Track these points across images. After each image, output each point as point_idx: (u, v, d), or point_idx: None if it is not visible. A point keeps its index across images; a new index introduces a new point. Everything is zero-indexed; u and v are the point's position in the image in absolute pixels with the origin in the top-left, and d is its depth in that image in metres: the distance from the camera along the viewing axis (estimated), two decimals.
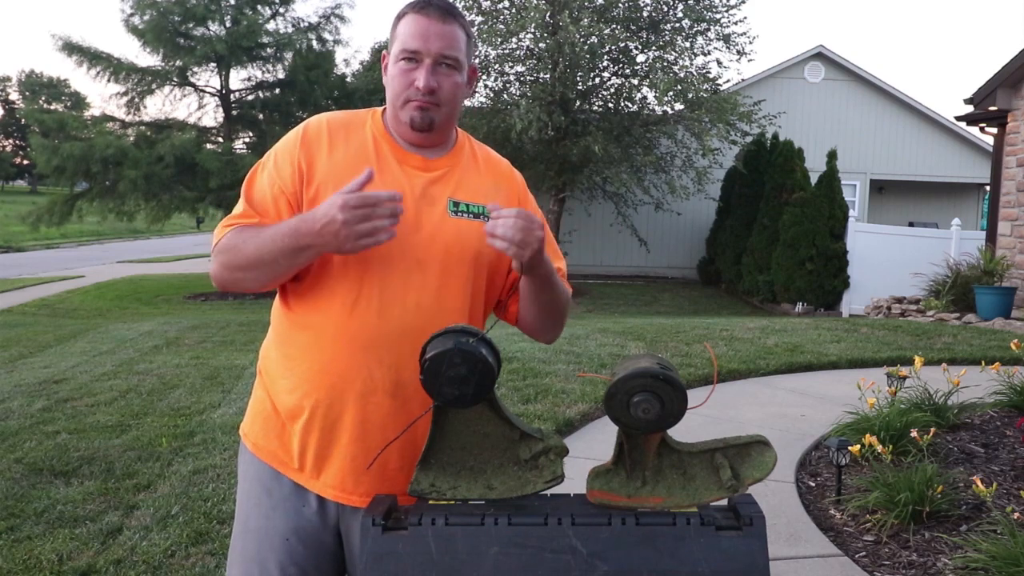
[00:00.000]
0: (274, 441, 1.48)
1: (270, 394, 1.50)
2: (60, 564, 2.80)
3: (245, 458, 1.54)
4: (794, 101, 18.56)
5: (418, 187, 1.46)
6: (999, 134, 10.36)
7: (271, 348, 1.52)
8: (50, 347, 7.83)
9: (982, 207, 19.91)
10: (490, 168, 1.57)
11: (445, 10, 1.44)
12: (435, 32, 1.42)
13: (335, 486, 1.45)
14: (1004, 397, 4.49)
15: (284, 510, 1.46)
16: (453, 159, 1.52)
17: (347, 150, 1.46)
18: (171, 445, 4.15)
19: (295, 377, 1.44)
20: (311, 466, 1.45)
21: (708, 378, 5.64)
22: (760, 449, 1.29)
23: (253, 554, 1.47)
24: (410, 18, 1.44)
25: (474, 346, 1.21)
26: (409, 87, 1.43)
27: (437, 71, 1.43)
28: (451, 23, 1.44)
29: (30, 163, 47.80)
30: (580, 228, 17.85)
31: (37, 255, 25.40)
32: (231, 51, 15.39)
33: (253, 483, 1.51)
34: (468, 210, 1.48)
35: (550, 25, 14.08)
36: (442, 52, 1.43)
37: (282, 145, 1.49)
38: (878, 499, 3.14)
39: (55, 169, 15.00)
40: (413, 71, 1.43)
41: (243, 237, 1.39)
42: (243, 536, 1.50)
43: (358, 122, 1.51)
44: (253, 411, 1.54)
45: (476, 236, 1.45)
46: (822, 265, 12.79)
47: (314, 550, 1.47)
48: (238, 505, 1.55)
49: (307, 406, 1.43)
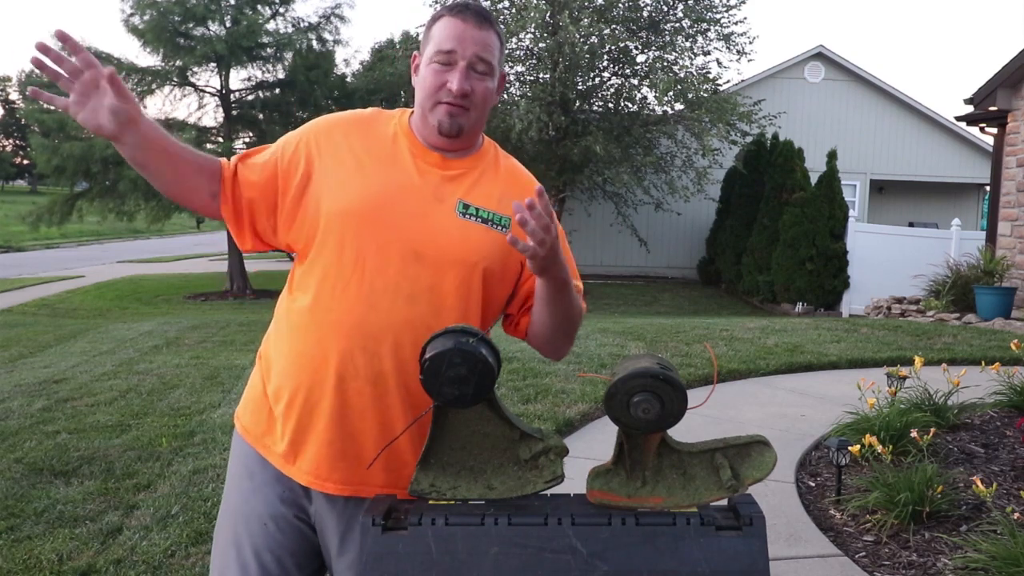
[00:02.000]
0: (261, 425, 1.49)
1: (264, 378, 1.51)
2: (60, 564, 2.80)
3: (236, 441, 1.56)
4: (794, 101, 18.56)
5: (430, 183, 1.45)
6: (999, 134, 10.36)
7: (271, 331, 1.54)
8: (50, 347, 7.83)
9: (982, 207, 19.92)
10: (509, 178, 1.53)
11: (482, 15, 1.45)
12: (471, 36, 1.42)
13: (310, 471, 1.44)
14: (1004, 397, 4.49)
15: (264, 495, 1.47)
16: (473, 163, 1.50)
17: (363, 140, 1.48)
18: (171, 445, 4.15)
19: (283, 359, 1.46)
20: (288, 451, 1.45)
21: (708, 378, 5.64)
22: (760, 449, 1.29)
23: (231, 536, 1.48)
24: (447, 20, 1.44)
25: (474, 346, 1.21)
26: (441, 88, 1.43)
27: (471, 75, 1.43)
28: (487, 29, 1.44)
29: (30, 163, 47.79)
30: (580, 228, 17.85)
31: (37, 255, 25.40)
32: (231, 51, 15.39)
33: (238, 465, 1.52)
34: (478, 214, 1.45)
35: (550, 25, 14.08)
36: (477, 55, 1.43)
37: (298, 131, 1.52)
38: (878, 499, 3.14)
39: (55, 169, 15.01)
40: (446, 72, 1.42)
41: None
42: (223, 516, 1.52)
43: (383, 119, 1.53)
44: (247, 395, 1.57)
45: (481, 242, 1.44)
46: (822, 265, 12.80)
47: (291, 537, 1.47)
48: (226, 488, 1.57)
49: (289, 388, 1.43)
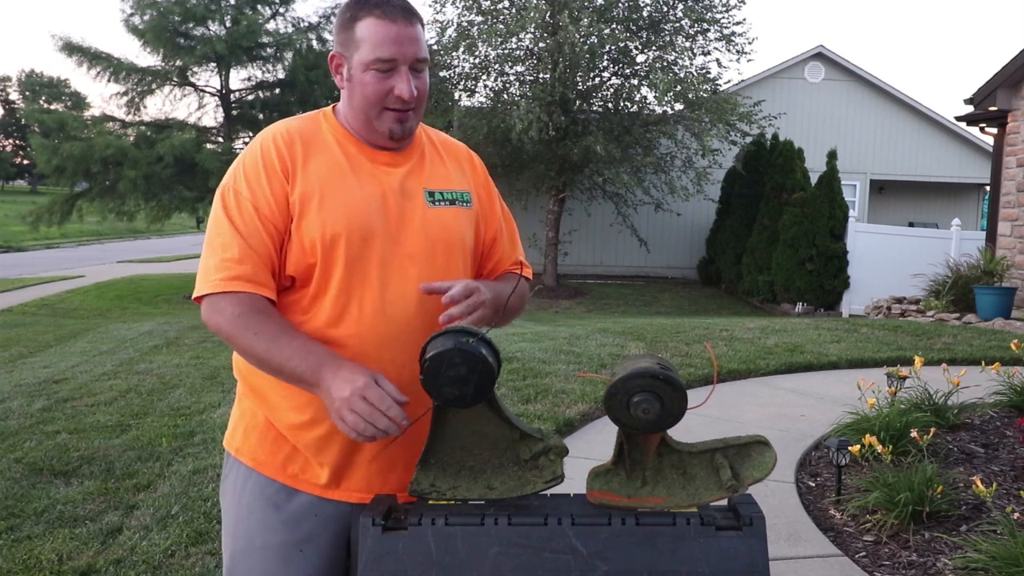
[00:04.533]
0: (280, 455, 1.44)
1: (265, 409, 1.45)
2: (60, 564, 2.80)
3: (240, 474, 1.47)
4: (794, 101, 18.55)
5: (395, 183, 1.45)
6: (999, 134, 10.36)
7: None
8: (50, 347, 7.83)
9: (982, 207, 19.91)
10: (450, 153, 1.58)
11: (406, 9, 1.40)
12: (406, 36, 1.39)
13: (362, 489, 1.43)
14: (1004, 397, 4.48)
15: (296, 521, 1.43)
16: (416, 149, 1.52)
17: (319, 161, 1.42)
18: (171, 445, 4.15)
19: (303, 395, 1.38)
20: (331, 477, 1.43)
21: (708, 378, 5.63)
22: (760, 449, 1.29)
23: (262, 568, 1.43)
24: (373, 22, 1.38)
25: (474, 346, 1.21)
26: (386, 95, 1.40)
27: (413, 77, 1.41)
28: (415, 22, 1.41)
29: (30, 163, 47.84)
30: (580, 228, 17.84)
31: (37, 255, 25.39)
32: (231, 51, 15.40)
33: (255, 499, 1.44)
34: (444, 197, 1.50)
35: (550, 25, 14.07)
36: (415, 56, 1.40)
37: (254, 164, 1.39)
38: (878, 499, 3.14)
39: (55, 169, 15.02)
40: (388, 79, 1.39)
41: (258, 325, 1.33)
42: (247, 556, 1.44)
43: (314, 127, 1.46)
44: (245, 425, 1.48)
45: (456, 222, 1.49)
46: (822, 265, 12.79)
47: (327, 559, 1.44)
48: (233, 526, 1.47)
49: (323, 420, 1.38)
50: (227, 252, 1.35)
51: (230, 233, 1.36)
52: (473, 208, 1.54)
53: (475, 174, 1.59)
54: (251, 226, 1.36)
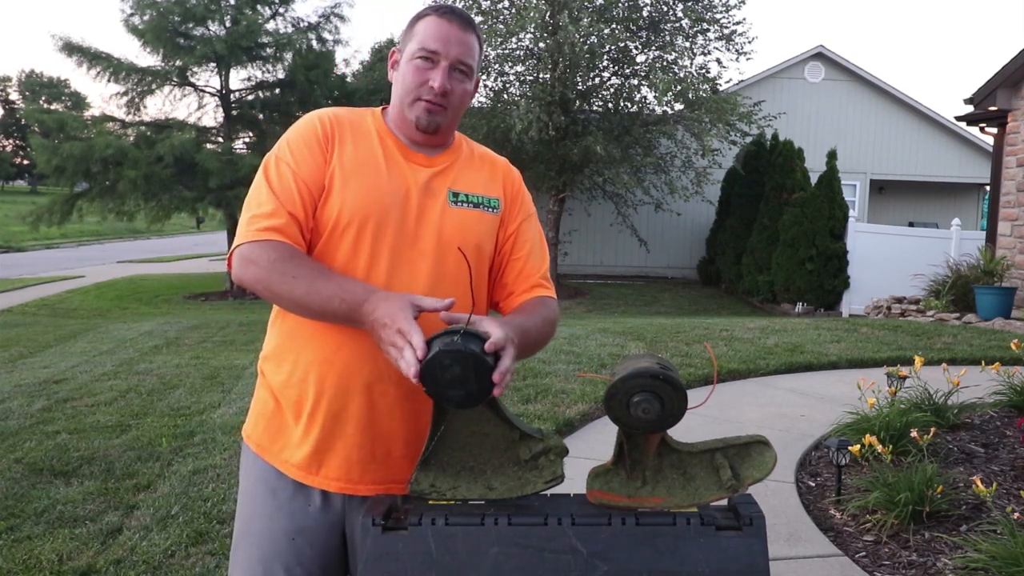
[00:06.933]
0: (279, 441, 1.48)
1: (272, 391, 1.49)
2: (60, 564, 2.80)
3: (248, 459, 1.54)
4: (794, 101, 18.56)
5: (421, 180, 1.49)
6: (999, 134, 10.36)
7: (273, 339, 1.52)
8: (50, 347, 7.83)
9: (982, 207, 19.92)
10: (486, 164, 1.62)
11: (466, 19, 1.49)
12: (455, 38, 1.46)
13: (339, 478, 1.45)
14: (1004, 397, 4.49)
15: (289, 510, 1.46)
16: (452, 156, 1.56)
17: (356, 147, 1.48)
18: (171, 445, 4.15)
19: (299, 369, 1.44)
20: (310, 461, 1.45)
21: (708, 378, 5.64)
22: (760, 449, 1.29)
23: (258, 556, 1.46)
24: (432, 20, 1.47)
25: (459, 343, 1.20)
26: (422, 85, 1.46)
27: (451, 76, 1.47)
28: (470, 33, 1.49)
29: (30, 163, 47.83)
30: (580, 228, 17.85)
31: (37, 255, 25.40)
32: (231, 51, 15.40)
33: (257, 484, 1.50)
34: (468, 200, 1.52)
35: (550, 25, 14.07)
36: (459, 58, 1.47)
37: (297, 136, 1.47)
38: (878, 499, 3.14)
39: (55, 169, 15.02)
40: (428, 71, 1.46)
41: (295, 269, 1.35)
42: (245, 538, 1.49)
43: (360, 118, 1.54)
44: (255, 412, 1.54)
45: (476, 226, 1.51)
46: (822, 265, 12.79)
47: (319, 550, 1.46)
48: (240, 508, 1.54)
49: (311, 396, 1.43)
50: (261, 208, 1.42)
51: (267, 194, 1.43)
52: (499, 215, 1.57)
53: (508, 185, 1.61)
54: (287, 188, 1.42)
